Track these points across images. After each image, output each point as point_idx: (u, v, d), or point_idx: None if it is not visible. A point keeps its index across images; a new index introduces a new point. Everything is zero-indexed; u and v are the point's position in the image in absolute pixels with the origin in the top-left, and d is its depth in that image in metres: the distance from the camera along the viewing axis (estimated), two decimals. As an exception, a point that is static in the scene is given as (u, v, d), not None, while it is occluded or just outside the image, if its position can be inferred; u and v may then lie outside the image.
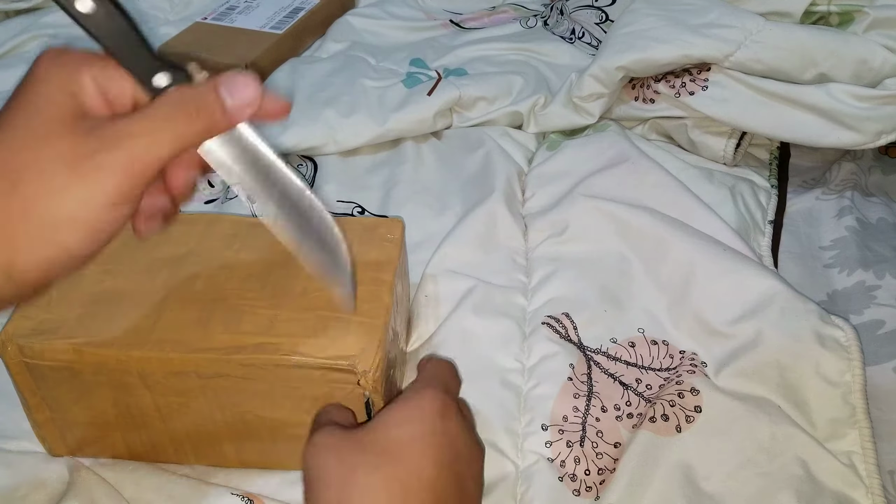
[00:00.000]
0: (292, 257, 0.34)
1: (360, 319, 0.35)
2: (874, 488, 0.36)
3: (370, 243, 0.39)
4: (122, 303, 0.35)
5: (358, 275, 0.34)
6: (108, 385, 0.35)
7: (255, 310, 0.35)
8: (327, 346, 0.33)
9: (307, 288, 0.36)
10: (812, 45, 0.50)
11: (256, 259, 0.38)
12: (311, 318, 0.35)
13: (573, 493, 0.37)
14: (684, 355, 0.42)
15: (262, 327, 0.34)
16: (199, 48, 0.66)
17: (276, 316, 0.35)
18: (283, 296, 0.36)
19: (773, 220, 0.53)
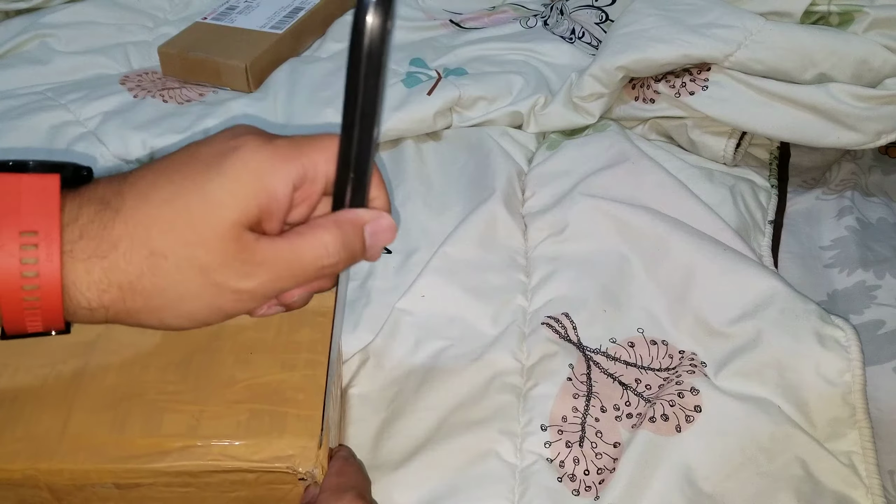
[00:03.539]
0: (214, 339, 0.31)
1: (297, 412, 0.31)
2: (874, 488, 0.36)
3: (300, 319, 0.35)
4: (23, 405, 0.31)
5: (289, 357, 0.32)
6: (13, 502, 0.31)
7: (177, 406, 0.31)
8: (262, 445, 0.30)
9: (234, 376, 0.32)
10: (812, 45, 0.50)
11: (174, 343, 0.34)
12: (242, 413, 0.31)
13: (572, 494, 0.37)
14: (684, 355, 0.42)
15: (186, 427, 0.30)
16: (198, 48, 0.66)
17: (202, 412, 0.31)
18: (207, 387, 0.32)
19: (774, 219, 0.53)
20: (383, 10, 0.22)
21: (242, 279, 0.25)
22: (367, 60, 0.23)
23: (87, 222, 0.24)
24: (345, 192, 0.26)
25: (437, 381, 0.41)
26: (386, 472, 0.38)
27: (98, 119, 0.60)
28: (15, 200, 0.23)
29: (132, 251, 0.24)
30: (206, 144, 0.27)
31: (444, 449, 0.38)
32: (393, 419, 0.40)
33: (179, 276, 0.24)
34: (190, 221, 0.25)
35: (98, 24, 0.74)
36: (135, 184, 0.25)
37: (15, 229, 0.23)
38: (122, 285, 0.24)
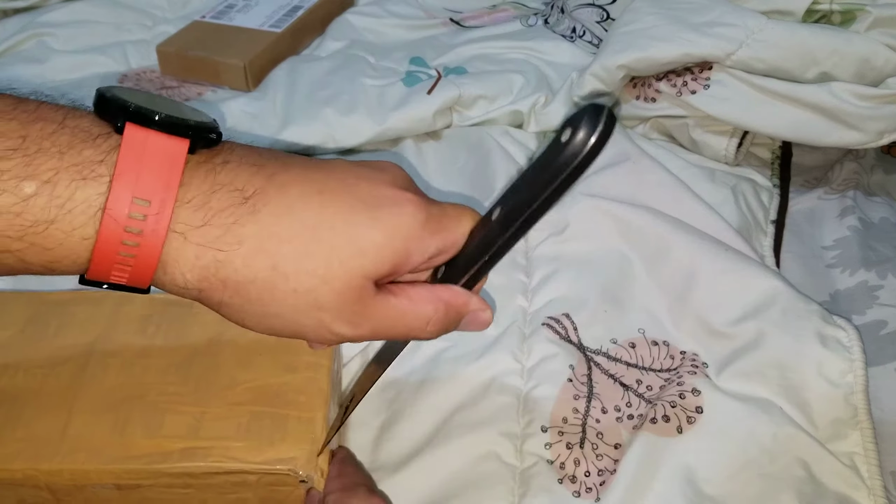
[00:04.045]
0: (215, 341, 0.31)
1: (298, 414, 0.31)
2: (876, 489, 0.36)
3: None
4: (24, 405, 0.31)
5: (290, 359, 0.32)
6: (14, 502, 0.31)
7: (178, 408, 0.31)
8: (263, 447, 0.30)
9: (235, 378, 0.32)
10: (814, 44, 0.49)
11: (175, 345, 0.34)
12: (243, 415, 0.31)
13: (573, 495, 0.36)
14: (685, 356, 0.42)
15: (187, 429, 0.31)
16: (197, 47, 0.66)
17: (203, 414, 0.31)
18: (208, 389, 0.32)
19: (775, 219, 0.53)
20: (605, 130, 0.21)
21: (346, 326, 0.25)
22: (566, 177, 0.22)
23: (217, 210, 0.23)
24: (467, 272, 0.25)
25: (437, 383, 0.41)
26: (386, 474, 0.38)
27: (96, 118, 0.59)
28: (137, 159, 0.22)
29: (255, 257, 0.23)
30: (365, 178, 0.26)
31: (444, 451, 0.38)
32: (393, 421, 0.40)
33: (291, 302, 0.24)
34: (327, 258, 0.24)
35: (96, 23, 0.73)
36: (282, 188, 0.24)
37: (129, 192, 0.22)
38: (227, 281, 0.23)
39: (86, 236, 0.22)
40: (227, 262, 0.23)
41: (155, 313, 0.36)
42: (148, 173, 0.22)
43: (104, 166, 0.22)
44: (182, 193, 0.23)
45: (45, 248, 0.22)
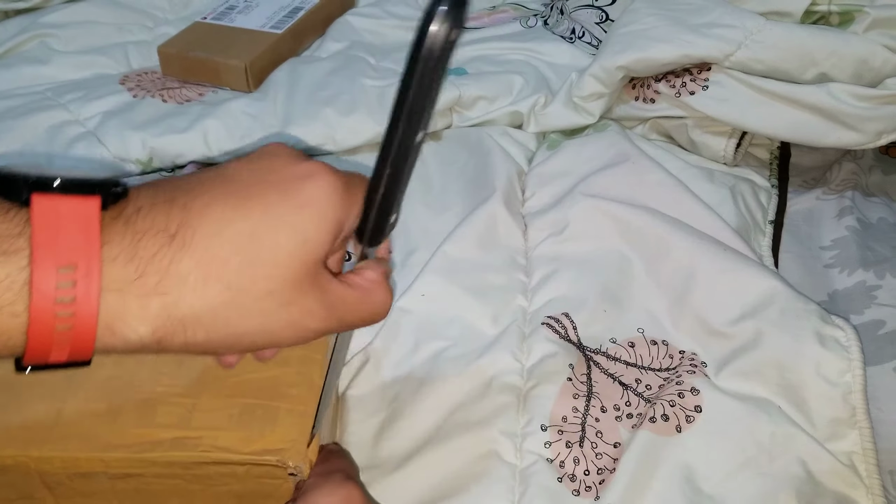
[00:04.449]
0: None
1: (289, 407, 0.32)
2: (874, 489, 0.36)
3: None
4: (17, 392, 0.31)
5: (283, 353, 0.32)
6: (3, 487, 0.31)
7: (170, 398, 0.31)
8: (253, 439, 0.30)
9: (228, 371, 0.32)
10: (812, 45, 0.50)
11: None
12: (234, 407, 0.31)
13: (573, 494, 0.37)
14: (684, 355, 0.42)
15: (179, 419, 0.31)
16: (198, 48, 0.66)
17: (195, 405, 0.31)
18: (201, 381, 0.32)
19: (774, 219, 0.53)
20: (451, 19, 0.21)
21: (315, 318, 0.25)
22: (425, 66, 0.22)
23: (148, 258, 0.23)
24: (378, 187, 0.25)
25: (437, 382, 0.41)
26: (386, 472, 0.38)
27: (97, 119, 0.60)
28: (53, 226, 0.21)
29: (206, 286, 0.23)
30: (268, 168, 0.26)
31: (444, 449, 0.38)
32: (393, 419, 0.40)
33: (258, 311, 0.24)
34: (274, 256, 0.24)
35: (97, 24, 0.74)
36: (202, 213, 0.24)
37: (52, 261, 0.21)
38: (184, 319, 0.23)
39: (16, 313, 0.21)
40: (178, 302, 0.23)
41: None
42: (66, 239, 0.21)
43: (22, 239, 0.21)
44: (107, 252, 0.22)
45: None
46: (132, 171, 0.58)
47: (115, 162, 0.57)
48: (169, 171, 0.58)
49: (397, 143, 0.24)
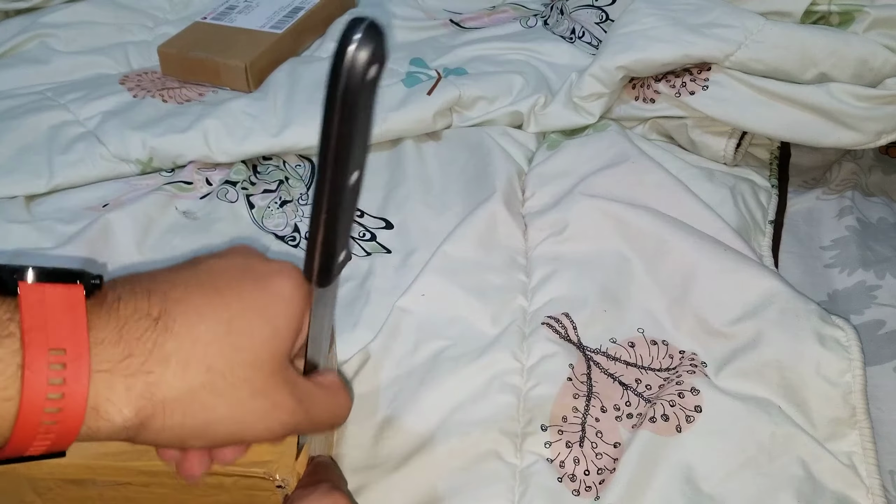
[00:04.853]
0: None
1: None
2: (874, 489, 0.36)
3: None
4: None
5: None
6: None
7: None
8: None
9: None
10: (812, 45, 0.50)
11: None
12: None
13: (573, 494, 0.37)
14: (684, 355, 0.42)
15: None
16: (198, 48, 0.66)
17: None
18: None
19: (774, 219, 0.53)
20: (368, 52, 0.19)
21: (285, 411, 0.26)
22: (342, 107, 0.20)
23: (134, 340, 0.23)
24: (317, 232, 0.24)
25: (438, 382, 0.41)
26: (386, 472, 0.38)
27: (98, 119, 0.60)
28: (41, 312, 0.22)
29: (187, 368, 0.24)
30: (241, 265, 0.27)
31: (444, 449, 0.38)
32: (393, 419, 0.40)
33: (234, 396, 0.24)
34: (251, 345, 0.25)
35: (98, 24, 0.74)
36: (182, 301, 0.25)
37: (43, 344, 0.22)
38: (165, 400, 0.24)
39: (8, 397, 0.21)
40: (161, 382, 0.23)
41: None
42: (55, 323, 0.22)
43: (13, 324, 0.22)
44: (93, 335, 0.23)
45: None
46: (132, 171, 0.58)
47: (115, 162, 0.57)
48: (169, 171, 0.58)
49: (329, 188, 0.22)
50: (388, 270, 0.48)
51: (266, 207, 0.54)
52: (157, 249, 0.50)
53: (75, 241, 0.48)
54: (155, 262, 0.49)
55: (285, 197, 0.55)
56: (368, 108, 0.21)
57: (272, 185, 0.56)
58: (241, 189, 0.55)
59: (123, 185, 0.56)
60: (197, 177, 0.56)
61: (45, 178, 0.55)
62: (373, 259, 0.49)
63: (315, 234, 0.24)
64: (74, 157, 0.56)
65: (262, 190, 0.55)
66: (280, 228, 0.53)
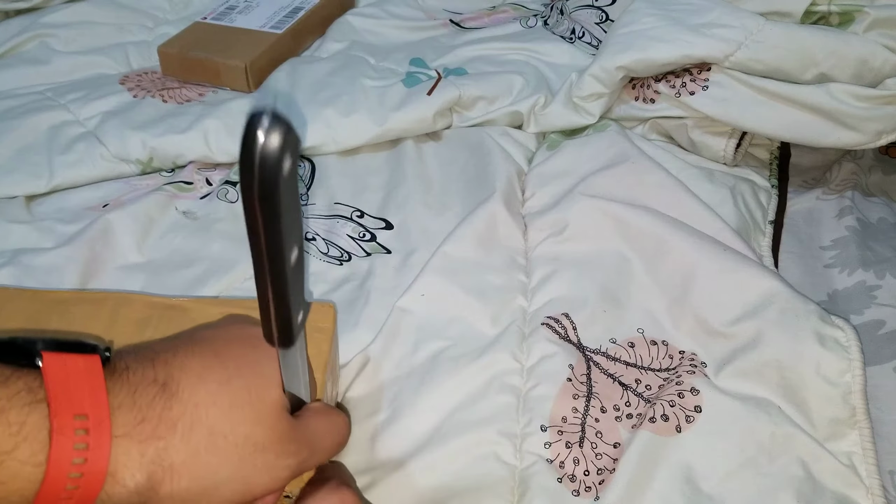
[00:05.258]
0: None
1: None
2: (874, 489, 0.36)
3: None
4: None
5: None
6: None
7: None
8: None
9: None
10: (812, 45, 0.50)
11: None
12: None
13: (572, 494, 0.37)
14: (684, 355, 0.42)
15: None
16: (198, 48, 0.66)
17: None
18: None
19: (774, 219, 0.53)
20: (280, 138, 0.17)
21: (290, 456, 0.27)
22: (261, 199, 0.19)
23: (146, 405, 0.25)
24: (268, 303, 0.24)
25: (437, 382, 0.41)
26: (385, 473, 0.38)
27: (98, 119, 0.60)
28: (64, 380, 0.23)
29: (192, 432, 0.25)
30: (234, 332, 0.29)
31: (443, 450, 0.38)
32: (393, 420, 0.40)
33: (237, 457, 0.26)
34: (249, 401, 0.26)
35: (98, 24, 0.74)
36: (184, 367, 0.26)
37: (69, 409, 0.23)
38: (173, 465, 0.25)
39: (38, 462, 0.22)
40: (169, 447, 0.25)
41: (153, 316, 0.37)
42: (77, 390, 0.23)
43: (42, 391, 0.23)
44: (111, 401, 0.24)
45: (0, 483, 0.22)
46: (132, 171, 0.58)
47: (115, 162, 0.57)
48: (169, 171, 0.58)
49: (270, 274, 0.22)
50: (388, 271, 0.48)
51: (266, 207, 0.54)
52: (157, 249, 0.50)
53: (75, 241, 0.48)
54: (155, 262, 0.49)
55: (285, 197, 0.55)
56: (291, 196, 0.20)
57: (272, 185, 0.56)
58: (241, 189, 0.55)
59: (123, 185, 0.56)
60: (197, 177, 0.56)
61: (45, 178, 0.55)
62: (372, 259, 0.49)
63: (266, 308, 0.24)
64: (74, 158, 0.56)
65: (262, 190, 0.55)
66: (280, 228, 0.53)
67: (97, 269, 0.48)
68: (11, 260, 0.47)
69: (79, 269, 0.47)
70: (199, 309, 0.38)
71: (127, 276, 0.47)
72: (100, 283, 0.47)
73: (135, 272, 0.48)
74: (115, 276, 0.48)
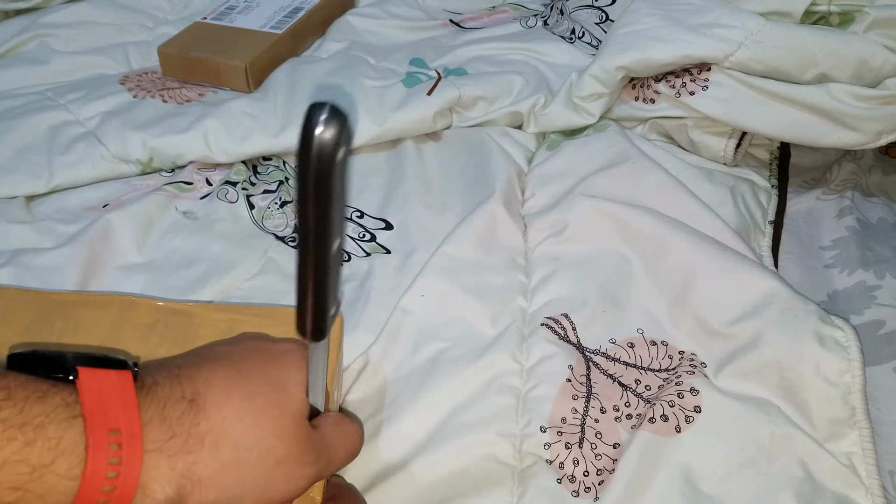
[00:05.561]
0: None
1: None
2: (874, 489, 0.36)
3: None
4: None
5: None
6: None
7: None
8: None
9: None
10: (812, 45, 0.50)
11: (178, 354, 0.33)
12: None
13: (572, 495, 0.37)
14: (684, 356, 0.42)
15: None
16: (198, 48, 0.66)
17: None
18: None
19: (774, 220, 0.53)
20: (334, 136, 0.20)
21: (309, 466, 0.28)
22: (317, 187, 0.21)
23: (175, 420, 0.25)
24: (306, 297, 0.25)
25: (437, 384, 0.41)
26: (385, 474, 0.38)
27: (98, 119, 0.60)
28: (99, 395, 0.24)
29: (218, 447, 0.26)
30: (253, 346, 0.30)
31: (443, 451, 0.38)
32: (392, 421, 0.40)
33: (260, 469, 0.26)
34: (272, 415, 0.27)
35: (98, 24, 0.74)
36: (209, 382, 0.27)
37: (104, 425, 0.23)
38: (202, 479, 0.25)
39: (74, 476, 0.23)
40: (198, 461, 0.25)
41: (159, 321, 0.37)
42: (111, 405, 0.24)
43: (77, 406, 0.24)
44: (142, 416, 0.25)
45: (37, 496, 0.22)
46: (132, 171, 0.58)
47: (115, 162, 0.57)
48: (169, 172, 0.58)
49: (313, 262, 0.24)
50: (388, 271, 0.48)
51: (266, 208, 0.54)
52: (157, 250, 0.50)
53: (75, 242, 0.48)
54: (155, 262, 0.49)
55: (285, 197, 0.55)
56: (341, 184, 0.22)
57: (272, 185, 0.56)
58: (242, 189, 0.55)
59: (123, 186, 0.56)
60: (197, 177, 0.56)
61: (45, 178, 0.55)
62: (372, 260, 0.49)
63: (304, 299, 0.25)
64: (74, 158, 0.56)
65: (262, 190, 0.55)
66: (280, 229, 0.53)
67: (97, 269, 0.48)
68: (11, 260, 0.47)
69: (79, 269, 0.47)
70: (205, 315, 0.38)
71: (127, 277, 0.47)
72: (100, 284, 0.47)
73: (135, 272, 0.48)
74: (115, 276, 0.48)
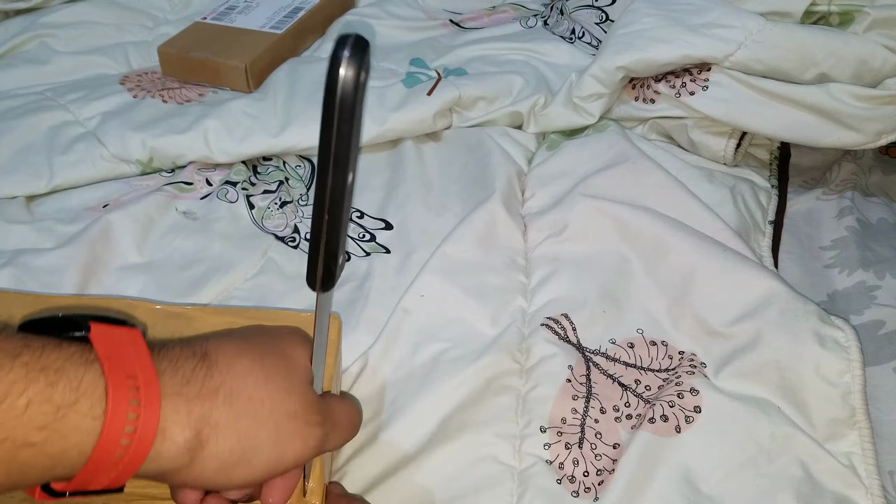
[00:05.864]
0: None
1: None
2: (874, 489, 0.36)
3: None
4: None
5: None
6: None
7: None
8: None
9: None
10: (812, 45, 0.50)
11: None
12: None
13: (572, 495, 0.37)
14: (683, 356, 0.42)
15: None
16: (198, 48, 0.66)
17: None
18: None
19: (774, 220, 0.53)
20: (357, 63, 0.23)
21: (315, 426, 0.29)
22: (340, 110, 0.24)
23: (189, 370, 0.26)
24: (320, 235, 0.26)
25: (437, 384, 0.41)
26: (385, 475, 0.38)
27: (97, 119, 0.60)
28: (113, 347, 0.25)
29: (233, 397, 0.27)
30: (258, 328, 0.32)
31: (443, 451, 0.38)
32: (392, 421, 0.40)
33: (272, 420, 0.27)
34: (280, 374, 0.29)
35: (97, 24, 0.74)
36: (219, 346, 0.28)
37: (120, 371, 0.24)
38: (218, 425, 0.26)
39: (97, 416, 0.23)
40: (215, 406, 0.26)
41: (157, 324, 0.37)
42: (125, 356, 0.25)
43: (93, 355, 0.25)
44: (156, 365, 0.26)
45: (62, 436, 0.23)
46: (132, 171, 0.58)
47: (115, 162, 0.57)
48: (169, 172, 0.58)
49: (330, 191, 0.25)
50: (388, 271, 0.48)
51: (266, 208, 0.54)
52: (157, 250, 0.50)
53: (75, 242, 0.48)
54: (155, 263, 0.49)
55: (285, 198, 0.55)
56: (360, 111, 0.24)
57: (272, 185, 0.56)
58: (241, 189, 0.55)
59: (123, 186, 0.56)
60: (197, 177, 0.56)
61: (45, 178, 0.55)
62: (372, 260, 0.49)
63: (318, 236, 0.26)
64: (74, 158, 0.56)
65: (262, 190, 0.55)
66: (280, 229, 0.53)
67: (97, 269, 0.48)
68: (11, 260, 0.47)
69: (79, 269, 0.47)
70: (203, 318, 0.38)
71: (127, 277, 0.47)
72: (100, 284, 0.47)
73: (135, 272, 0.48)
74: (115, 276, 0.48)
